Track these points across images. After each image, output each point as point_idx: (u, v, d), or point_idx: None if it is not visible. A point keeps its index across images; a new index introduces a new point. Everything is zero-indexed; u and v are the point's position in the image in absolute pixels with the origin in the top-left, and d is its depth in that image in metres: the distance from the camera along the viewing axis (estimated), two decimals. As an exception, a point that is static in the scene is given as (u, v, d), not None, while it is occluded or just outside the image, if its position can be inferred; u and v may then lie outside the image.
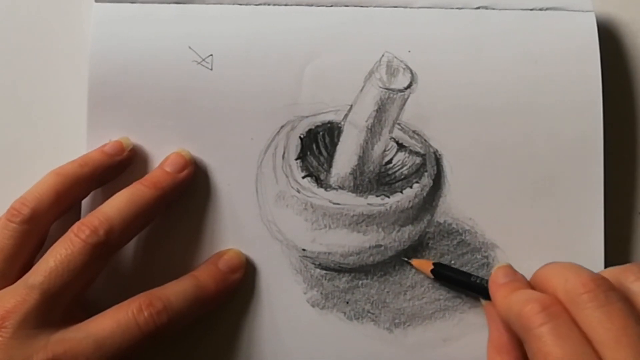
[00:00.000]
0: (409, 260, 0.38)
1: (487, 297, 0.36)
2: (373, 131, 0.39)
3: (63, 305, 0.33)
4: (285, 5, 0.39)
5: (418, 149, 0.39)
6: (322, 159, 0.39)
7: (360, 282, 0.39)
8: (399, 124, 0.39)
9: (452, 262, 0.39)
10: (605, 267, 0.38)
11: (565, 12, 0.39)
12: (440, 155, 0.39)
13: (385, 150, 0.39)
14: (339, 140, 0.39)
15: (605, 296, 0.30)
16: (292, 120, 0.39)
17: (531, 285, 0.34)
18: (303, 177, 0.39)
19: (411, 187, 0.39)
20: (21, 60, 0.41)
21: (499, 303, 0.34)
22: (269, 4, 0.39)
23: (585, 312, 0.30)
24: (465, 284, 0.37)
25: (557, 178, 0.38)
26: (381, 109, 0.39)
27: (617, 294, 0.30)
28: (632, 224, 0.40)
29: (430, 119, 0.39)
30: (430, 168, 0.39)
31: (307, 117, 0.39)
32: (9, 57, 0.41)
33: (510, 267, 0.36)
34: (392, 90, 0.39)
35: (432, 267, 0.38)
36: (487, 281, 0.36)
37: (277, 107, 0.38)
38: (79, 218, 0.37)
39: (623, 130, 0.41)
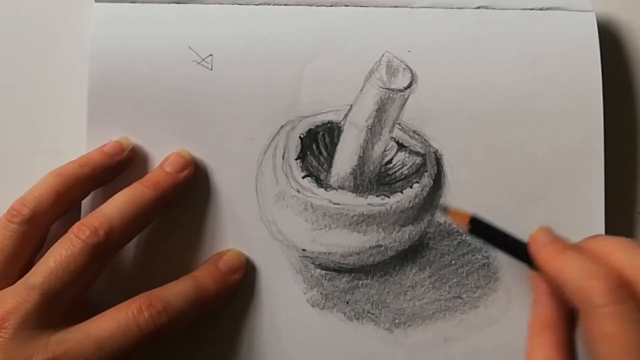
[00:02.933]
0: (447, 209, 0.36)
1: (524, 259, 0.33)
2: (373, 131, 0.39)
3: (63, 306, 0.33)
4: (285, 5, 0.39)
5: (418, 149, 0.39)
6: (322, 159, 0.39)
7: (361, 282, 0.39)
8: (399, 123, 0.39)
9: (453, 262, 0.39)
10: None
11: (565, 12, 0.39)
12: (440, 155, 0.39)
13: (385, 150, 0.39)
14: (339, 140, 0.39)
15: None
16: (292, 120, 0.39)
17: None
18: (303, 177, 0.38)
19: (411, 187, 0.39)
20: (21, 61, 0.41)
21: (546, 261, 0.31)
22: (269, 4, 0.39)
23: None
24: (503, 245, 0.35)
25: (558, 178, 0.38)
26: (381, 108, 0.39)
27: None
28: (633, 224, 0.40)
29: (430, 119, 0.39)
30: (431, 168, 0.39)
31: (307, 117, 0.39)
32: (9, 57, 0.41)
33: (550, 229, 0.33)
34: (392, 90, 0.38)
35: (469, 218, 0.35)
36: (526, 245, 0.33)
37: (277, 107, 0.38)
38: (79, 218, 0.37)
39: (623, 130, 0.41)
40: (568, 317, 0.31)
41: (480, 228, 0.35)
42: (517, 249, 0.34)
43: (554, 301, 0.32)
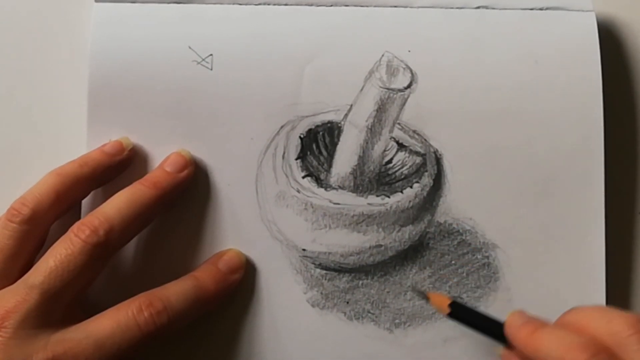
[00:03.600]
0: (426, 293, 0.37)
1: (503, 340, 0.33)
2: (373, 131, 0.39)
3: (63, 305, 0.33)
4: (285, 5, 0.39)
5: (418, 149, 0.39)
6: (322, 158, 0.39)
7: (361, 282, 0.39)
8: (399, 123, 0.39)
9: (453, 262, 0.38)
10: (607, 267, 0.38)
11: (565, 12, 0.39)
12: (440, 155, 0.39)
13: (385, 150, 0.39)
14: (339, 140, 0.39)
15: None
16: (292, 120, 0.39)
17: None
18: (303, 177, 0.38)
19: (411, 187, 0.39)
20: (21, 61, 0.41)
21: (523, 342, 0.31)
22: (269, 4, 0.39)
23: (635, 354, 0.28)
24: (481, 328, 0.35)
25: (558, 178, 0.38)
26: (381, 108, 0.39)
27: None
28: (633, 224, 0.40)
29: (430, 119, 0.39)
30: (431, 168, 0.39)
31: (307, 116, 0.39)
32: (9, 57, 0.41)
33: (524, 312, 0.34)
34: (392, 90, 0.39)
35: (449, 301, 0.36)
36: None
37: (277, 107, 0.38)
38: (79, 218, 0.37)
39: (623, 130, 0.41)
40: None
41: (459, 311, 0.35)
42: (497, 331, 0.34)
43: None
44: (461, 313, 0.35)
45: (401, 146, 0.39)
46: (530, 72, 0.39)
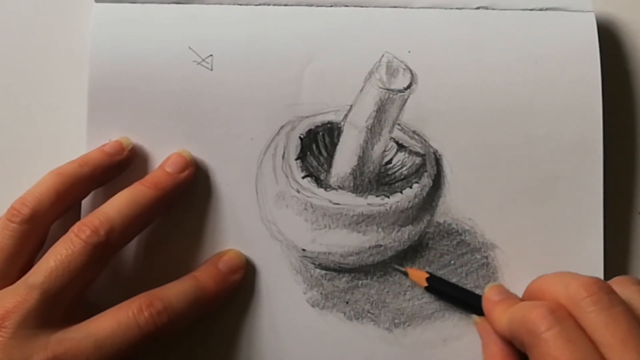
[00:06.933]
0: (404, 269, 0.38)
1: (480, 312, 0.36)
2: (373, 131, 0.39)
3: (63, 305, 0.33)
4: (285, 5, 0.39)
5: (418, 149, 0.39)
6: (322, 159, 0.39)
7: (360, 282, 0.39)
8: (398, 124, 0.39)
9: (452, 262, 0.39)
10: (605, 267, 0.38)
11: (565, 12, 0.40)
12: (440, 155, 0.39)
13: (385, 151, 0.39)
14: (338, 140, 0.39)
15: (608, 299, 0.30)
16: (292, 121, 0.39)
17: (525, 300, 0.34)
18: (303, 177, 0.39)
19: (411, 187, 0.39)
20: (21, 61, 0.41)
21: (497, 318, 0.34)
22: (268, 4, 0.39)
23: (590, 315, 0.30)
24: (457, 300, 0.38)
25: (557, 178, 0.38)
26: (381, 109, 0.39)
27: (618, 297, 0.30)
28: (632, 224, 0.40)
29: (430, 119, 0.39)
30: (430, 168, 0.39)
31: (307, 117, 0.39)
32: (9, 57, 0.41)
33: (502, 286, 0.37)
34: (392, 90, 0.39)
35: (427, 275, 0.38)
36: (481, 297, 0.36)
37: (277, 107, 0.38)
38: (79, 218, 0.37)
39: (623, 130, 0.41)
40: (518, 355, 0.34)
41: (437, 284, 0.38)
42: (474, 303, 0.37)
43: (503, 340, 0.34)
44: (439, 286, 0.38)
45: (401, 146, 0.39)
46: (530, 72, 0.39)
